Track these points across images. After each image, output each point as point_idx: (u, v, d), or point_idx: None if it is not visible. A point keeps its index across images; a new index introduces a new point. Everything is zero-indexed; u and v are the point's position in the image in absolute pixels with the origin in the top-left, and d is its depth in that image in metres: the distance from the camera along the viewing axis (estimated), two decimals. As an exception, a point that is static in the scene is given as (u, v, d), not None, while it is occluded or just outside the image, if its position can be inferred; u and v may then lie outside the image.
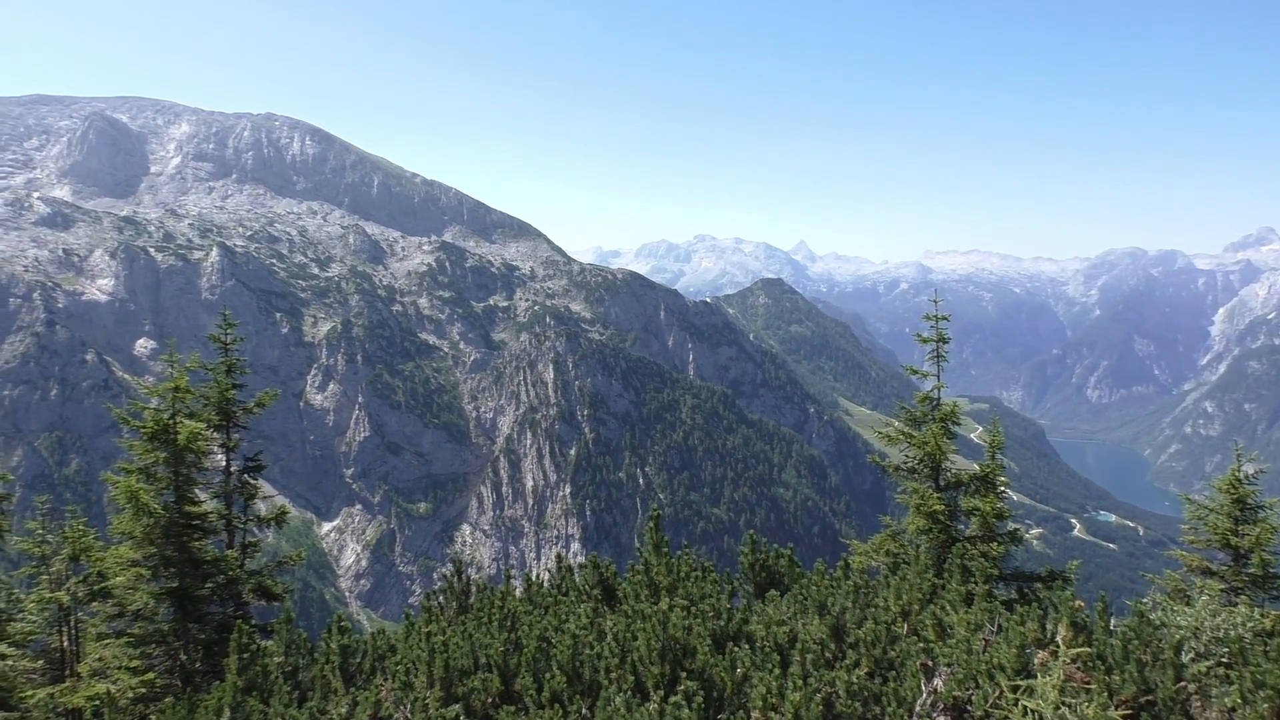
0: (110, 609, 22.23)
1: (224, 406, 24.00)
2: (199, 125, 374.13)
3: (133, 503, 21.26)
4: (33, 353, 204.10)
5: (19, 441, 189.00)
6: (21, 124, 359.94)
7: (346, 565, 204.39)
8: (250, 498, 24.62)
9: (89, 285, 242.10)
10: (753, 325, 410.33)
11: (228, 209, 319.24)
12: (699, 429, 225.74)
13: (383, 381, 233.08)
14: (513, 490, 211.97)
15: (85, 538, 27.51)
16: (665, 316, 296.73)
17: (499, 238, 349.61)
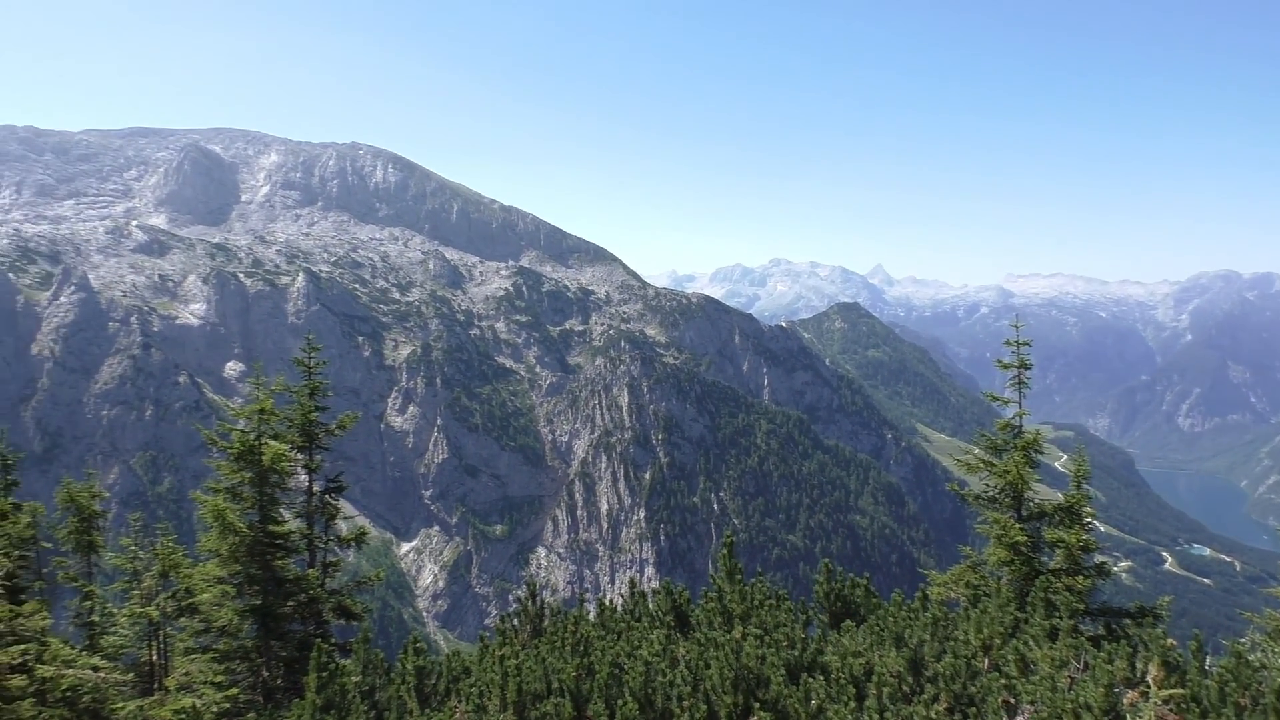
0: (197, 625, 22.81)
1: (307, 428, 24.58)
2: (287, 155, 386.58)
3: (219, 521, 21.85)
4: (129, 374, 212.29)
5: (115, 460, 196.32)
6: (122, 155, 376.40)
7: (424, 586, 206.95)
8: (331, 518, 25.13)
9: (182, 310, 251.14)
10: (829, 350, 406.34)
11: (313, 235, 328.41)
12: (774, 454, 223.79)
13: (461, 404, 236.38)
14: (587, 514, 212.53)
15: (174, 555, 28.42)
16: (740, 341, 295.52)
17: (575, 262, 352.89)
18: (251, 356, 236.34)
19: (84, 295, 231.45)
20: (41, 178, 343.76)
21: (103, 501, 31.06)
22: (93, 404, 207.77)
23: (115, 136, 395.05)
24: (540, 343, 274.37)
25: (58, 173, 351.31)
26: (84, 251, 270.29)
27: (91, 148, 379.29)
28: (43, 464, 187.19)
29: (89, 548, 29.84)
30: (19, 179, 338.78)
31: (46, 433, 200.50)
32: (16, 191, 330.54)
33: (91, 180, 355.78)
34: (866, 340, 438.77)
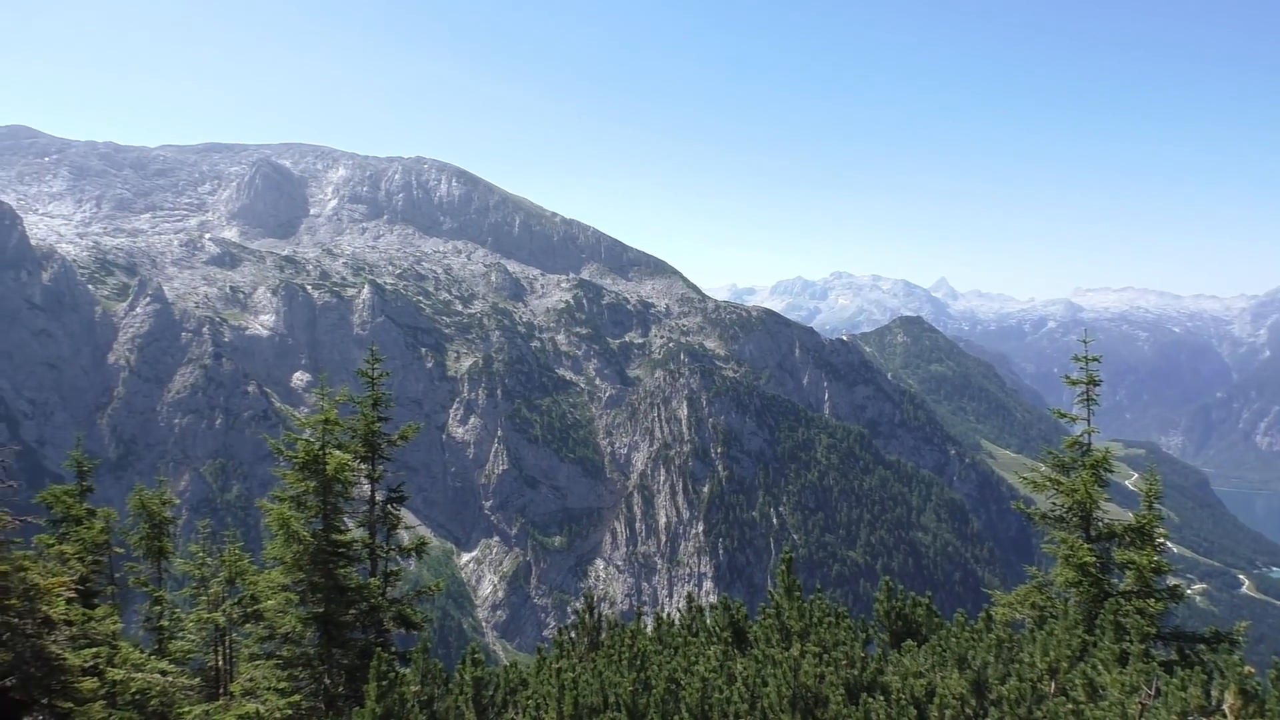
0: (261, 631, 23.21)
1: (370, 439, 24.93)
2: (354, 169, 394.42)
3: (284, 529, 22.24)
4: (201, 384, 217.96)
5: (186, 467, 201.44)
6: (196, 170, 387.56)
7: (484, 596, 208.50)
8: (393, 527, 25.43)
9: (252, 320, 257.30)
10: (890, 364, 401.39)
11: (379, 248, 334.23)
12: (834, 469, 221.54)
13: (521, 416, 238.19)
14: (646, 526, 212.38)
15: (241, 562, 29.02)
16: (800, 354, 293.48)
17: (635, 275, 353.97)
18: (318, 367, 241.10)
19: (159, 306, 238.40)
20: (120, 192, 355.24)
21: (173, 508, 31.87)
22: (165, 412, 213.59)
23: (190, 152, 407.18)
24: (600, 355, 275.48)
25: (136, 187, 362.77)
26: (159, 264, 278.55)
27: (168, 163, 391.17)
28: (117, 470, 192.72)
29: (159, 554, 30.60)
30: (99, 193, 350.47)
31: (121, 440, 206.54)
32: (97, 205, 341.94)
33: (167, 194, 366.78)
34: (929, 354, 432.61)
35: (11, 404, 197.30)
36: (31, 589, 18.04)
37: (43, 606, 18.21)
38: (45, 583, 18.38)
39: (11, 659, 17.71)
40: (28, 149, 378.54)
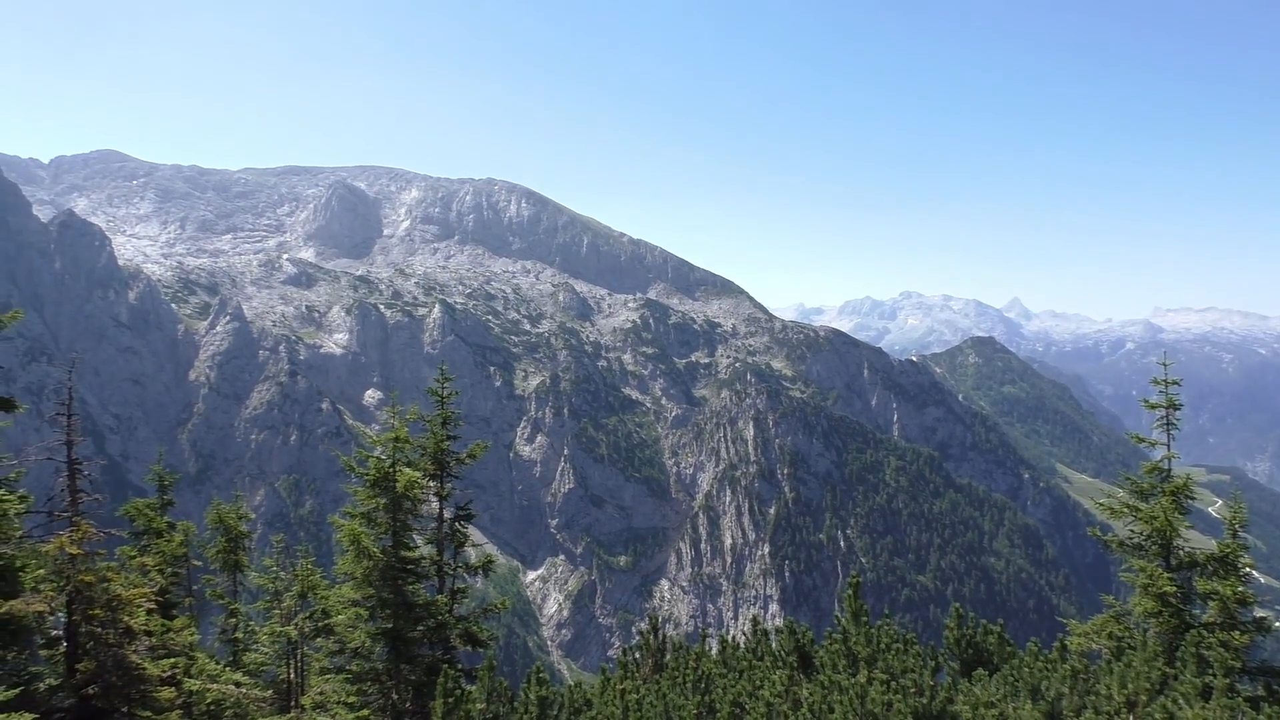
0: (332, 645, 23.61)
1: (439, 456, 25.30)
2: (427, 190, 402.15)
3: (355, 545, 22.65)
4: (277, 401, 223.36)
5: (262, 482, 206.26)
6: (275, 192, 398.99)
7: (549, 614, 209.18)
8: (460, 544, 25.73)
9: (327, 339, 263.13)
10: (962, 385, 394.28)
11: (450, 268, 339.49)
12: (904, 492, 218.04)
13: (587, 435, 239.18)
14: (711, 547, 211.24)
15: (313, 576, 29.58)
16: (869, 375, 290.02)
17: (702, 295, 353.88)
18: (389, 385, 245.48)
19: (238, 325, 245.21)
20: (203, 214, 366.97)
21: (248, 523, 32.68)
22: (243, 428, 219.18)
23: (270, 174, 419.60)
24: (666, 375, 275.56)
25: (218, 209, 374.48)
26: (239, 283, 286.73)
27: (249, 185, 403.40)
28: (196, 485, 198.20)
29: (235, 567, 31.37)
30: (184, 215, 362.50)
31: (200, 455, 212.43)
32: (181, 227, 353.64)
33: (248, 216, 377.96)
34: (1002, 376, 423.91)
35: (98, 419, 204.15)
36: (114, 600, 18.65)
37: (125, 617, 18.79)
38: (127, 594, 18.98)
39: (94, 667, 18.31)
40: (117, 173, 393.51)
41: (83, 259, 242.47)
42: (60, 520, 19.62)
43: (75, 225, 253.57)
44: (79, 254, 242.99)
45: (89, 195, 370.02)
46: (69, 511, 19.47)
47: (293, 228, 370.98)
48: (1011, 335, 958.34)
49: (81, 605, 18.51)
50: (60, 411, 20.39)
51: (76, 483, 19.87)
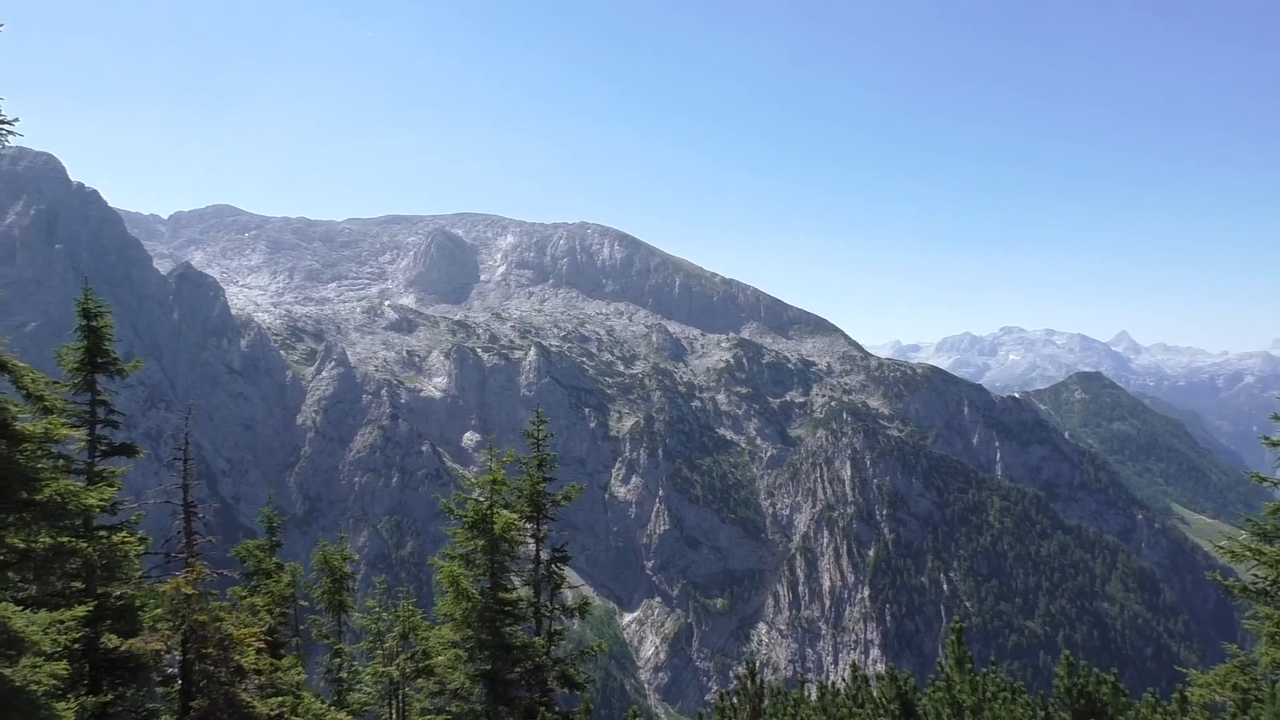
0: (432, 686, 23.96)
1: (535, 498, 25.63)
2: (522, 236, 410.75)
3: (454, 587, 23.03)
4: (379, 444, 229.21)
5: (365, 523, 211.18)
6: (378, 241, 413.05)
7: (646, 657, 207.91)
8: (557, 586, 25.92)
9: (426, 383, 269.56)
10: (1068, 423, 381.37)
11: (545, 311, 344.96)
12: (1009, 533, 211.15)
13: (682, 476, 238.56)
14: (809, 590, 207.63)
15: (414, 617, 30.13)
16: (969, 413, 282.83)
17: (795, 333, 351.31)
18: (486, 427, 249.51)
19: (342, 370, 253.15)
20: (310, 263, 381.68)
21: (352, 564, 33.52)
22: (347, 470, 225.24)
23: (373, 224, 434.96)
24: (760, 415, 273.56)
25: (324, 258, 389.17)
26: (343, 330, 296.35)
27: (352, 235, 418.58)
28: (303, 526, 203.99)
29: (340, 607, 32.17)
30: (292, 265, 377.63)
31: (307, 497, 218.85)
32: (289, 276, 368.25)
33: (351, 264, 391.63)
34: (1111, 412, 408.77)
35: (211, 462, 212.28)
36: (226, 639, 19.32)
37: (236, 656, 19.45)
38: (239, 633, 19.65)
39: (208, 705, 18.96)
40: (230, 226, 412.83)
41: (198, 309, 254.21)
42: (176, 561, 20.48)
43: (192, 277, 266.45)
44: (195, 304, 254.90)
45: (205, 248, 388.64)
46: (185, 553, 20.32)
47: (394, 275, 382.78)
48: (1120, 370, 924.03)
49: (196, 644, 19.23)
50: (177, 456, 21.34)
51: (192, 525, 20.74)
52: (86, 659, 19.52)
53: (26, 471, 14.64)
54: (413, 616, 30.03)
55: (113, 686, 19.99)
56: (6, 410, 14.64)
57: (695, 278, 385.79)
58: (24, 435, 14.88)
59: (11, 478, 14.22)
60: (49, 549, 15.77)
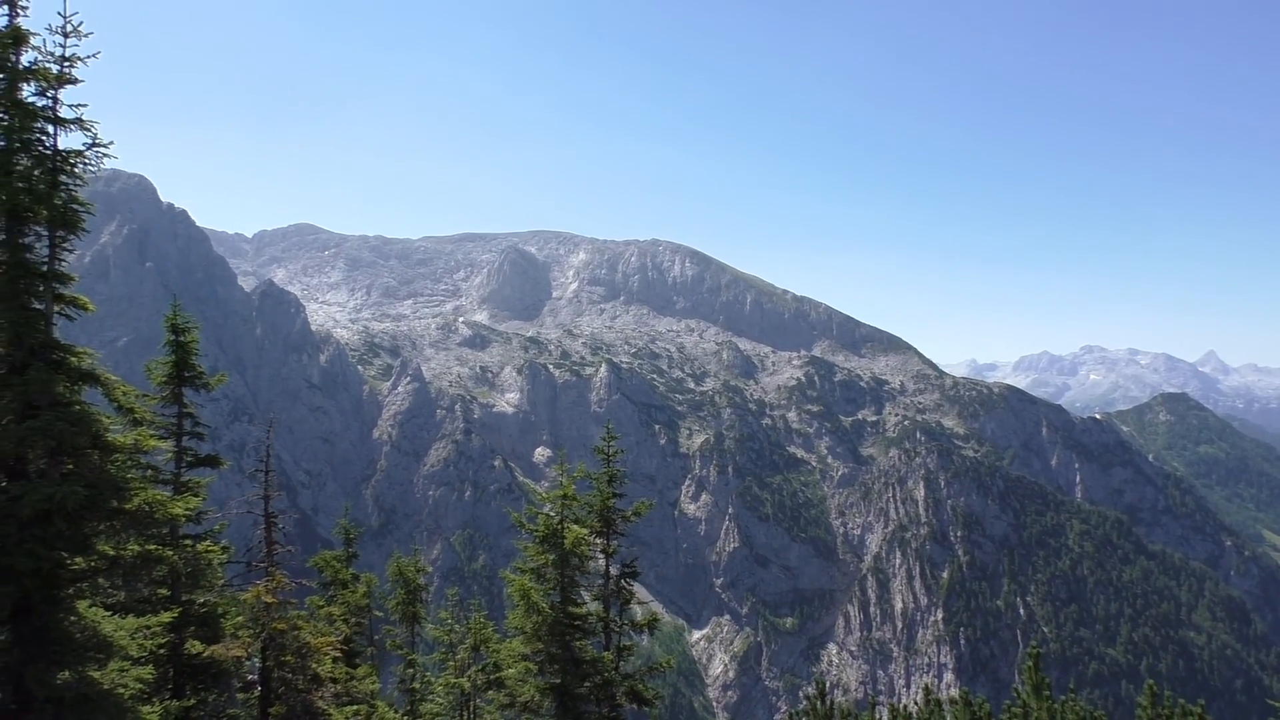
0: (503, 698, 24.19)
1: (606, 514, 25.76)
2: (593, 253, 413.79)
3: (525, 600, 23.26)
4: (453, 458, 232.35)
5: (438, 536, 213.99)
6: (452, 259, 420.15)
7: (714, 675, 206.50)
8: (626, 602, 25.99)
9: (499, 398, 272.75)
10: (1151, 445, 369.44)
11: (615, 328, 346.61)
12: (1089, 558, 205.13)
13: (752, 493, 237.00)
14: (881, 611, 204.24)
15: (485, 630, 30.49)
16: (1048, 434, 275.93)
17: (868, 351, 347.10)
18: (558, 443, 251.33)
19: (417, 385, 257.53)
20: (387, 281, 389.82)
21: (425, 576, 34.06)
22: (421, 484, 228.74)
23: (448, 242, 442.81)
24: (832, 433, 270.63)
25: (400, 275, 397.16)
26: (419, 345, 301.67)
27: (428, 253, 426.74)
28: (378, 538, 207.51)
29: (413, 619, 32.71)
30: (369, 282, 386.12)
31: (382, 509, 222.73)
32: (367, 293, 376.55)
33: (427, 282, 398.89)
34: (1198, 434, 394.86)
35: (291, 474, 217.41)
36: (304, 647, 19.80)
37: (313, 664, 19.91)
38: (316, 642, 20.12)
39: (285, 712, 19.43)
40: (311, 244, 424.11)
41: (280, 325, 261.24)
42: (257, 570, 21.06)
43: (274, 294, 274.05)
44: (277, 320, 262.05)
45: (286, 266, 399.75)
46: (265, 562, 20.89)
47: (468, 292, 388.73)
48: (1207, 391, 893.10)
49: (275, 652, 19.74)
50: (259, 468, 21.99)
51: (273, 535, 21.33)
52: (171, 664, 20.18)
53: (117, 481, 15.24)
54: (484, 629, 30.39)
55: (195, 691, 20.62)
56: (99, 422, 15.28)
57: (766, 295, 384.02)
58: (115, 446, 15.50)
59: (103, 487, 14.82)
60: (137, 556, 16.36)
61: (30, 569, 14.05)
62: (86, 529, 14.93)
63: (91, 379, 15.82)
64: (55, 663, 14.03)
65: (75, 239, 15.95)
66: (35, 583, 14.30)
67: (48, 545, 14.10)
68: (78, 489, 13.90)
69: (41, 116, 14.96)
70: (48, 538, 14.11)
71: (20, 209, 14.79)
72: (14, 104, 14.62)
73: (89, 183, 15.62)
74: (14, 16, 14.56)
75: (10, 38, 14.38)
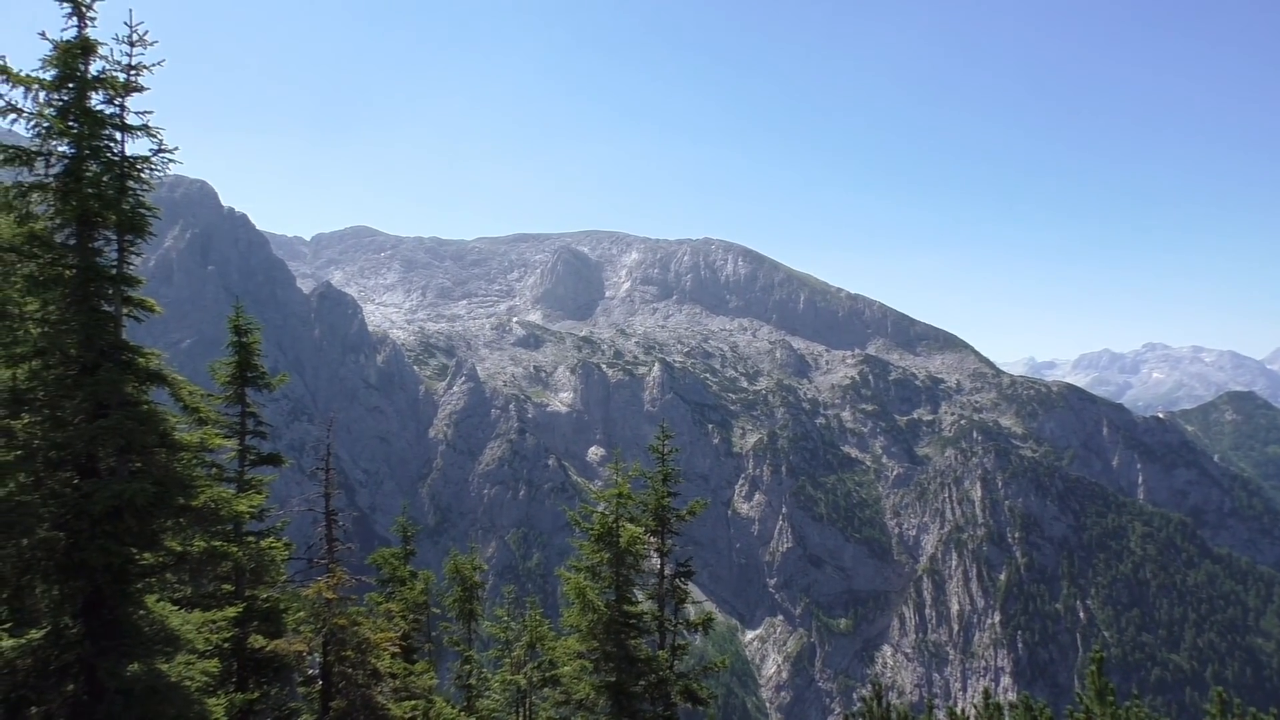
0: (558, 696, 24.35)
1: (660, 513, 25.79)
2: (646, 252, 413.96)
3: (580, 598, 23.38)
4: (507, 457, 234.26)
5: (493, 535, 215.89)
6: (506, 259, 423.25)
7: (768, 675, 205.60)
8: (681, 601, 26.00)
9: (552, 398, 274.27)
10: (1217, 445, 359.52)
11: (668, 328, 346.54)
12: (1151, 561, 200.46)
13: (805, 493, 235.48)
14: (936, 613, 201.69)
15: (541, 627, 30.70)
16: (1108, 433, 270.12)
17: (923, 350, 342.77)
18: (611, 442, 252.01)
19: (472, 385, 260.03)
20: (442, 281, 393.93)
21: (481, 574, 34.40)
22: (476, 483, 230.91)
23: (501, 242, 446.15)
24: (887, 432, 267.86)
25: (454, 276, 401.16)
26: (473, 346, 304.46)
27: (482, 254, 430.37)
28: (434, 536, 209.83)
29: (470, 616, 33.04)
30: (424, 283, 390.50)
31: (438, 508, 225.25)
32: (422, 294, 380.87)
33: (481, 282, 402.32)
34: (1266, 434, 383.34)
35: (349, 473, 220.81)
36: (364, 643, 20.10)
37: (373, 659, 20.20)
38: (375, 638, 20.41)
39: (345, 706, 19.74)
40: (367, 246, 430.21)
41: (338, 326, 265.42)
42: (318, 567, 21.43)
43: (332, 295, 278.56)
44: (335, 321, 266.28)
45: (344, 268, 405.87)
46: (326, 559, 21.24)
47: (521, 292, 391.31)
48: (1276, 389, 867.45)
49: (336, 647, 20.07)
50: (320, 466, 22.36)
51: (333, 532, 21.68)
52: (235, 658, 20.63)
53: (184, 479, 15.61)
54: (540, 626, 30.61)
55: (258, 685, 21.07)
56: (166, 421, 15.66)
57: (820, 293, 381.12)
58: (182, 445, 15.87)
59: (170, 484, 15.18)
60: (203, 552, 16.75)
61: (101, 564, 14.45)
62: (155, 525, 15.30)
63: (159, 379, 16.21)
64: (125, 655, 14.41)
65: (142, 243, 16.35)
66: (106, 577, 14.70)
67: (118, 541, 14.49)
68: (147, 486, 14.26)
69: (110, 124, 15.34)
70: (118, 534, 14.49)
71: (90, 214, 15.21)
72: (83, 112, 15.02)
73: (154, 188, 16.01)
74: (82, 27, 14.95)
75: (79, 47, 14.78)
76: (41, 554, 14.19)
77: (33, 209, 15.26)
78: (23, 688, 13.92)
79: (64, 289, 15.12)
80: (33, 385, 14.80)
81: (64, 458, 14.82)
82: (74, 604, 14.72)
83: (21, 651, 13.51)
